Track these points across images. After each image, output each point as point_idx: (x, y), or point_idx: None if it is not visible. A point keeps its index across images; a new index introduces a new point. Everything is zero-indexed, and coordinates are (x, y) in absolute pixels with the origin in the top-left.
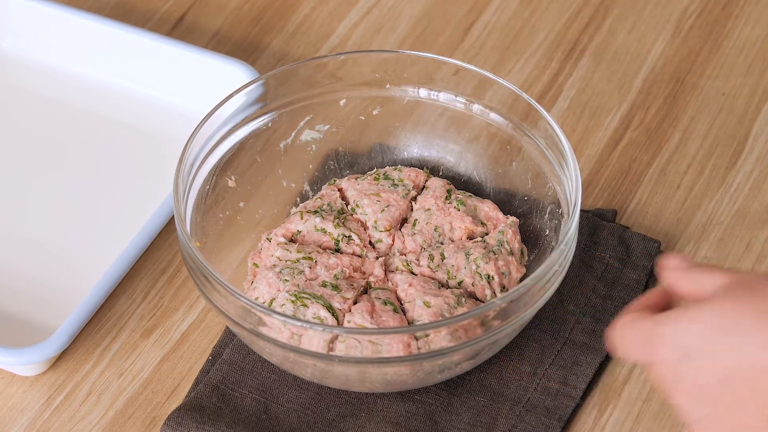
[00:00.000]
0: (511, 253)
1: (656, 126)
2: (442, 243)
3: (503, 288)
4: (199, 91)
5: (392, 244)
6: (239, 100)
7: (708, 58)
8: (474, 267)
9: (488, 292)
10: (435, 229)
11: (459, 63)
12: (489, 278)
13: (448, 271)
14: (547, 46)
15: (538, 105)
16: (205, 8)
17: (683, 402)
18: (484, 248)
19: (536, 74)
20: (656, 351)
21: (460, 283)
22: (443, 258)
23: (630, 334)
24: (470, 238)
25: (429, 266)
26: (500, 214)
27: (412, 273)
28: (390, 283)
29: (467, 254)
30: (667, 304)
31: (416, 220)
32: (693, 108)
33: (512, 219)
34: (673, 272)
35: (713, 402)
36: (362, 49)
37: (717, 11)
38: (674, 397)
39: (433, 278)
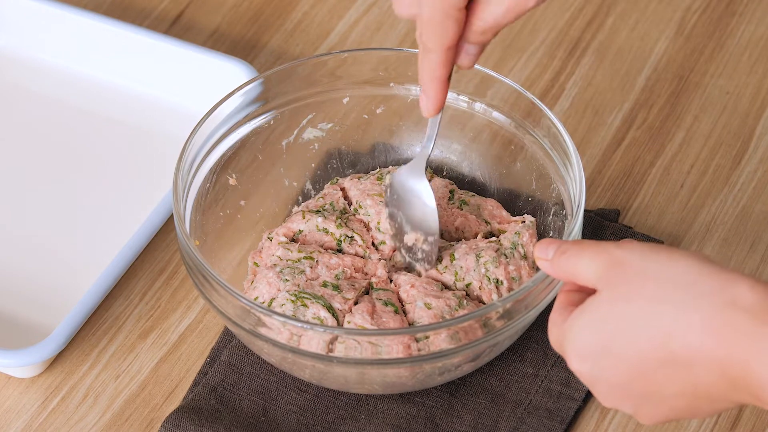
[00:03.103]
0: (525, 257)
1: (659, 125)
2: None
3: None
4: (198, 89)
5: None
6: (240, 98)
7: (711, 56)
8: (483, 270)
9: (495, 296)
10: (441, 234)
11: None
12: (498, 282)
13: (456, 273)
14: (549, 44)
15: (541, 104)
16: (202, 6)
17: (609, 402)
18: (496, 251)
19: (538, 72)
20: (568, 362)
21: (468, 285)
22: (453, 259)
23: (551, 331)
24: (485, 236)
25: (436, 267)
26: (504, 212)
27: (419, 273)
28: (393, 284)
29: (478, 256)
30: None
31: None
32: (696, 107)
33: (530, 219)
34: (544, 263)
35: (636, 396)
36: (362, 47)
37: (721, 9)
38: (599, 397)
39: (438, 280)
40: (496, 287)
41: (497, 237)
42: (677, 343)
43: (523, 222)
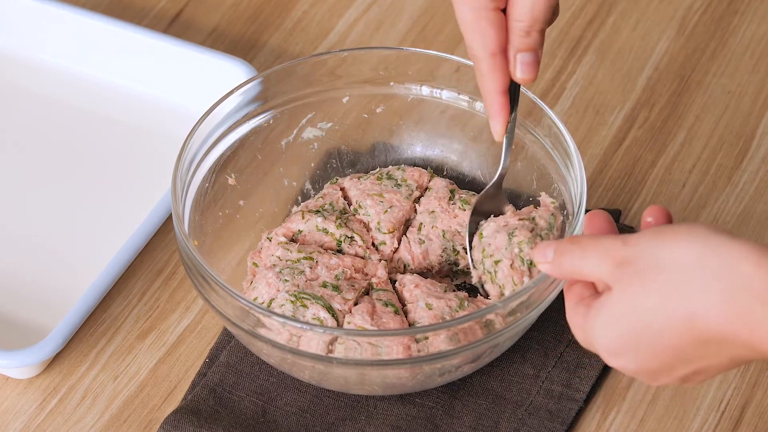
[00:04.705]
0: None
1: (661, 124)
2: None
3: None
4: (197, 89)
5: (398, 248)
6: (239, 97)
7: (713, 55)
8: (517, 250)
9: (526, 279)
10: (443, 235)
11: (460, 60)
12: (531, 264)
13: (484, 249)
14: (550, 44)
15: (542, 103)
16: (201, 5)
17: (656, 384)
18: (531, 231)
19: (539, 71)
20: (602, 358)
21: (497, 263)
22: (481, 237)
23: (574, 331)
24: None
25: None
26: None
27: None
28: (398, 283)
29: (510, 235)
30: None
31: (421, 223)
32: (698, 106)
33: (553, 201)
34: (545, 266)
35: (682, 375)
36: (362, 46)
37: (722, 8)
38: (645, 382)
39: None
40: (529, 269)
41: (530, 217)
42: (701, 326)
43: (553, 203)
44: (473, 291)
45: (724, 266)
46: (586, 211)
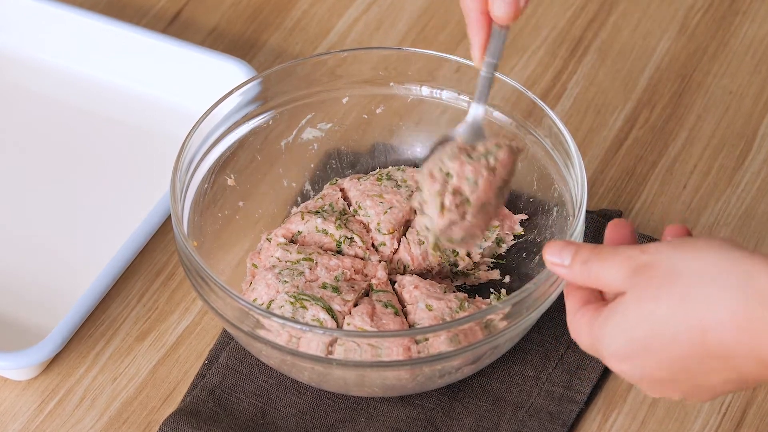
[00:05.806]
0: (492, 169)
1: (662, 125)
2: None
3: None
4: (196, 89)
5: (397, 249)
6: (238, 97)
7: (715, 55)
8: (440, 163)
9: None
10: None
11: (460, 60)
12: (448, 176)
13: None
14: (550, 43)
15: (543, 103)
16: (201, 5)
17: (655, 394)
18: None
19: (539, 72)
20: (606, 363)
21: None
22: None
23: (577, 334)
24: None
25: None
26: (506, 212)
27: (429, 271)
28: (397, 285)
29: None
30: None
31: None
32: (699, 106)
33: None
34: (560, 269)
35: (683, 389)
36: (362, 46)
37: (724, 8)
38: (645, 391)
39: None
40: (445, 179)
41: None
42: (712, 340)
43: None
44: (473, 292)
45: (740, 278)
46: (587, 212)
